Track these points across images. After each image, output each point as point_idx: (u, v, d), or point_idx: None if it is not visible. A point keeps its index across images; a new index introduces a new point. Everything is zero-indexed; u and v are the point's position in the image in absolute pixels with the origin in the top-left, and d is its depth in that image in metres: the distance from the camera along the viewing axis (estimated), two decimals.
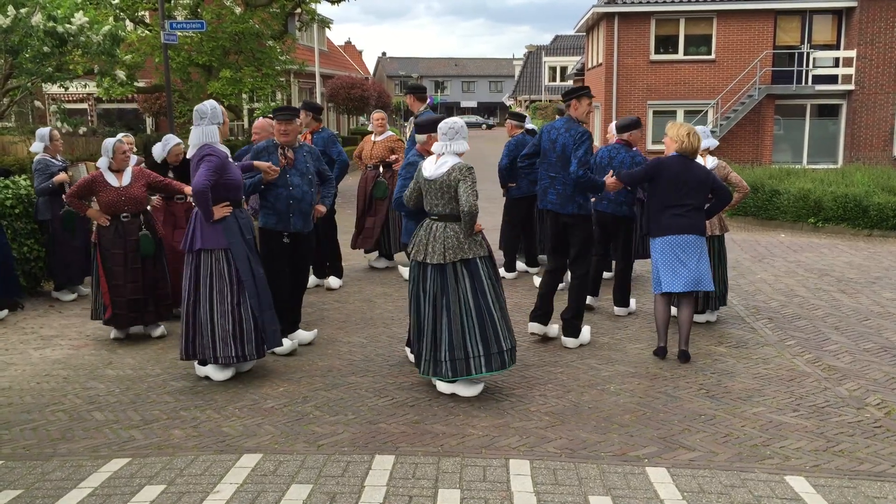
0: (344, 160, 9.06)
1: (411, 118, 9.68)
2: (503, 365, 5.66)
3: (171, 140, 8.17)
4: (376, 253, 10.52)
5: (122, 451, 4.95)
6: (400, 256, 10.40)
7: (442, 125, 5.73)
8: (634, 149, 7.96)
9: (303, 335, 7.12)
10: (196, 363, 6.29)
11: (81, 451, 4.96)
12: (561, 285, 8.87)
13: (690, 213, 6.45)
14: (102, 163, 7.24)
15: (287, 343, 6.78)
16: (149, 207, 7.60)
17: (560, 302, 7.32)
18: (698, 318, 7.61)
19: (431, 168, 5.68)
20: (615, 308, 8.08)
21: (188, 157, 6.18)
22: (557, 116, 9.43)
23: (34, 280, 9.08)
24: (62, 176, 8.70)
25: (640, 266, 10.37)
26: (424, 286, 5.71)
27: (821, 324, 7.70)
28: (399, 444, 4.95)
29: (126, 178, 7.29)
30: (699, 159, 6.82)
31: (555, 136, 7.00)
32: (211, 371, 6.17)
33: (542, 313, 7.15)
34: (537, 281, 9.33)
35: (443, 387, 5.80)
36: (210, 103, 6.20)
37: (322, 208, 7.22)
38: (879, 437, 5.06)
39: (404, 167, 6.49)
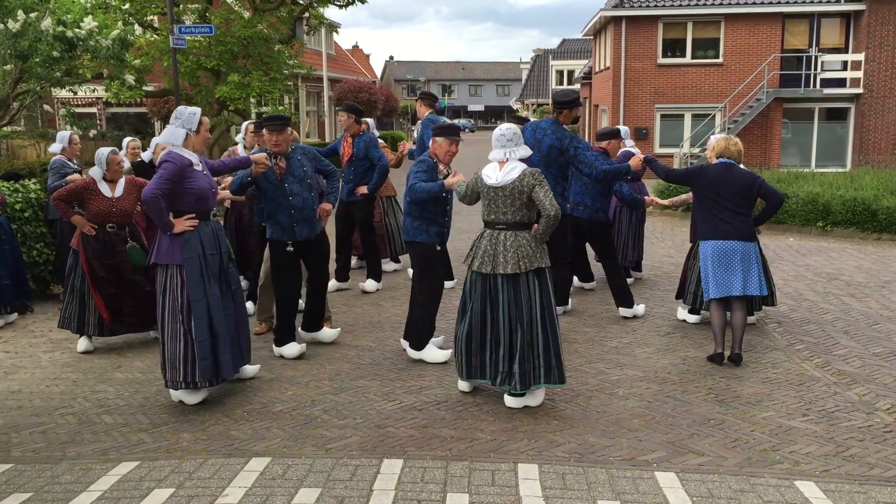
0: (384, 165, 8.94)
1: (418, 122, 9.68)
2: (561, 380, 5.59)
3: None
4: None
5: (131, 455, 4.96)
6: (401, 257, 10.46)
7: (501, 132, 5.62)
8: (610, 159, 8.02)
9: (326, 333, 7.15)
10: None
11: (90, 455, 4.98)
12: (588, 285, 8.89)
13: (734, 219, 6.45)
14: (96, 172, 7.13)
15: (295, 347, 6.79)
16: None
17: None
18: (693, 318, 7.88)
19: (497, 175, 5.53)
20: (620, 310, 8.06)
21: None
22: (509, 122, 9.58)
23: (44, 284, 9.11)
24: (76, 177, 8.73)
25: (647, 271, 10.35)
26: (495, 297, 5.54)
27: (830, 328, 7.67)
28: (407, 448, 4.95)
29: (119, 189, 7.18)
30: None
31: (540, 136, 7.20)
32: (182, 395, 5.78)
33: None
34: None
35: (511, 401, 5.61)
36: (192, 109, 5.85)
37: (328, 206, 6.97)
38: (890, 441, 5.04)
39: (417, 163, 6.50)
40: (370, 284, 9.37)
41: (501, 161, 5.57)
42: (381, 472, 4.62)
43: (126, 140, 9.56)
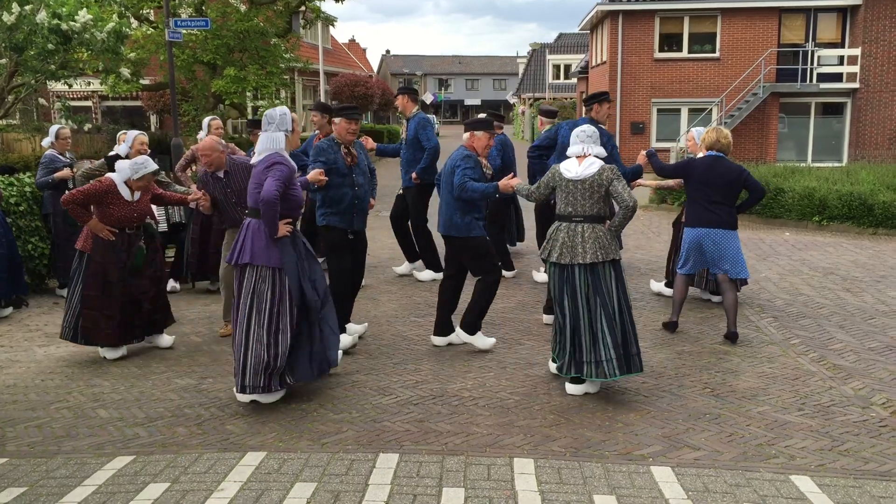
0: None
1: (404, 119, 9.55)
2: (640, 368, 5.69)
3: (131, 134, 7.98)
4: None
5: (126, 449, 4.95)
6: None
7: (578, 131, 5.87)
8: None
9: (353, 328, 7.17)
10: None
11: (86, 449, 4.97)
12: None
13: (719, 209, 6.92)
14: (123, 172, 6.67)
15: (346, 339, 6.83)
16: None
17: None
18: (716, 298, 8.31)
19: (577, 169, 5.74)
20: None
21: (252, 162, 5.80)
22: (539, 114, 9.59)
23: (39, 278, 9.09)
24: (65, 172, 8.70)
25: (644, 266, 10.36)
26: (573, 287, 5.69)
27: (826, 322, 7.68)
28: (403, 443, 4.95)
29: (138, 194, 6.80)
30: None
31: None
32: (258, 396, 5.62)
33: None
34: (538, 276, 9.37)
35: (573, 389, 5.79)
36: (281, 109, 5.77)
37: (372, 201, 7.28)
38: (885, 436, 5.05)
39: (464, 158, 6.47)
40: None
41: (580, 156, 5.80)
42: (376, 466, 4.62)
43: (135, 132, 9.50)
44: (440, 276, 9.28)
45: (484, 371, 6.30)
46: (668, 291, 8.48)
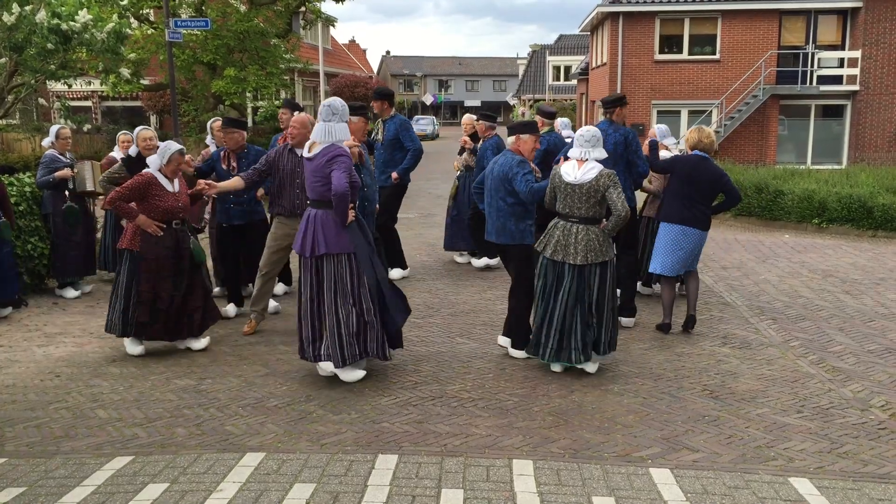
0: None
1: (379, 120, 9.54)
2: (606, 351, 6.19)
3: (169, 147, 7.78)
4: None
5: (125, 449, 4.95)
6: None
7: (581, 133, 6.06)
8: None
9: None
10: (320, 363, 6.03)
11: (85, 449, 4.97)
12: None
13: (695, 208, 7.10)
14: (154, 163, 6.62)
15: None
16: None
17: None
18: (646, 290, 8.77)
19: (575, 173, 5.98)
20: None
21: (308, 154, 5.84)
22: (538, 114, 9.61)
23: (38, 278, 9.08)
24: (65, 172, 8.70)
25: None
26: (561, 283, 6.09)
27: (825, 325, 7.68)
28: (402, 444, 4.95)
29: (176, 183, 6.74)
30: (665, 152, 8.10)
31: (602, 137, 7.50)
32: (342, 373, 5.92)
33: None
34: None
35: (557, 367, 6.26)
36: (340, 100, 5.91)
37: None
38: (884, 438, 5.05)
39: (519, 163, 6.41)
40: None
41: (580, 160, 6.01)
42: (375, 467, 4.61)
43: (138, 129, 9.50)
44: (408, 272, 9.65)
45: (483, 372, 6.30)
46: (647, 290, 8.80)
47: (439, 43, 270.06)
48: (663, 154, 8.20)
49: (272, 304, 7.99)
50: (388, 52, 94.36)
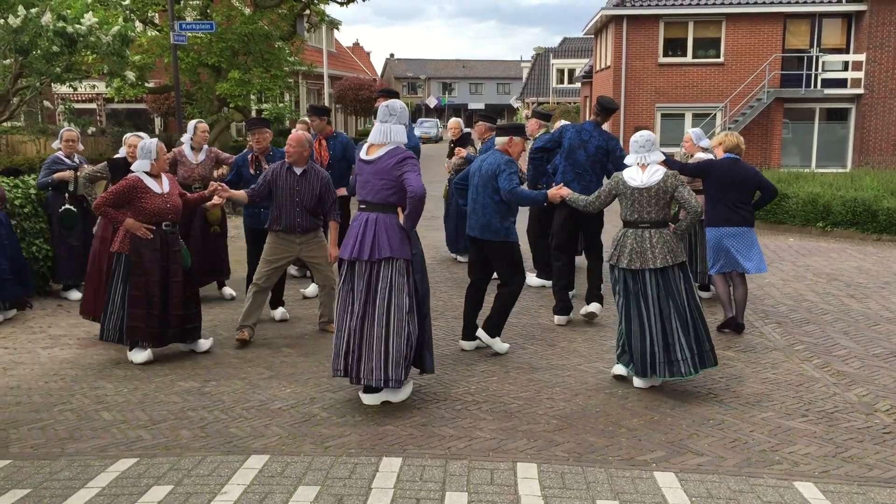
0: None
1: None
2: (714, 362, 5.92)
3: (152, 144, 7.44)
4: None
5: (129, 451, 4.95)
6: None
7: (635, 138, 6.05)
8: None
9: None
10: (362, 395, 5.67)
11: (89, 451, 4.97)
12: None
13: (741, 208, 7.28)
14: (142, 166, 6.55)
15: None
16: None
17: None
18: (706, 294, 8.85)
19: (641, 177, 5.95)
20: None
21: (368, 157, 5.63)
22: (533, 116, 9.63)
23: (43, 280, 9.10)
24: (64, 174, 8.71)
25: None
26: (646, 292, 5.87)
27: (830, 328, 7.67)
28: (406, 447, 4.95)
29: (166, 184, 6.66)
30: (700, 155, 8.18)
31: (587, 138, 7.93)
32: (390, 395, 5.63)
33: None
34: (532, 281, 9.39)
35: (640, 382, 5.98)
36: (400, 103, 5.81)
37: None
38: (889, 442, 5.03)
39: (507, 163, 6.54)
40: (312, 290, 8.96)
41: (642, 165, 6.00)
42: (379, 470, 4.61)
43: (128, 135, 9.54)
44: None
45: (487, 375, 6.30)
46: (706, 294, 8.88)
47: (443, 46, 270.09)
48: (701, 156, 8.19)
49: (280, 311, 7.97)
50: (392, 55, 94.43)
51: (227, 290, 8.99)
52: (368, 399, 5.59)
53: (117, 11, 18.32)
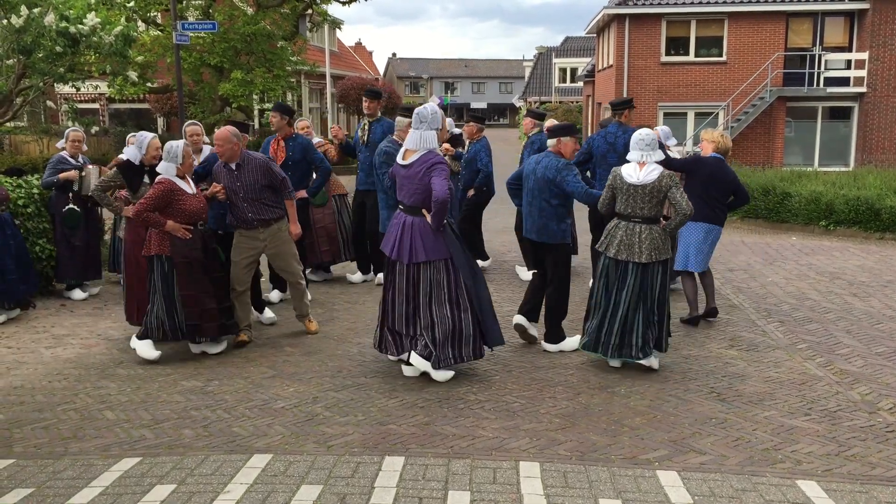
0: (327, 167, 8.57)
1: (365, 120, 9.27)
2: (664, 349, 6.40)
3: (145, 137, 7.44)
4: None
5: (132, 451, 4.96)
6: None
7: (639, 136, 6.25)
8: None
9: None
10: (409, 364, 6.14)
11: (92, 450, 4.98)
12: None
13: (719, 207, 7.58)
14: (168, 169, 6.58)
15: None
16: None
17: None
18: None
19: (639, 175, 6.16)
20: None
21: (404, 161, 5.96)
22: (527, 115, 9.68)
23: (46, 280, 9.11)
24: (70, 174, 8.72)
25: None
26: (625, 282, 6.21)
27: (832, 327, 7.66)
28: (409, 446, 4.95)
29: (192, 184, 6.75)
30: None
31: (612, 140, 8.19)
32: (435, 373, 6.06)
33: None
34: (522, 274, 9.72)
35: (616, 363, 6.43)
36: (431, 107, 6.00)
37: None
38: (892, 441, 5.03)
39: (565, 165, 6.57)
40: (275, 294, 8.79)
41: (640, 162, 6.21)
42: (382, 469, 4.62)
43: (148, 136, 9.54)
44: (370, 276, 9.61)
45: (489, 374, 6.30)
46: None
47: (446, 45, 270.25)
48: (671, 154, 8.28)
49: (268, 314, 7.92)
50: (394, 55, 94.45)
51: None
52: (410, 370, 6.13)
53: (120, 11, 18.35)
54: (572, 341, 6.91)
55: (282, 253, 7.19)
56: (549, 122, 9.95)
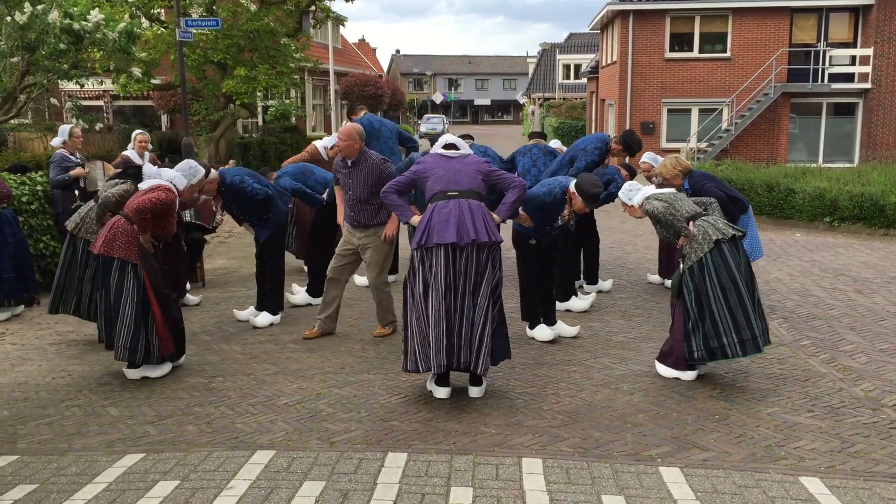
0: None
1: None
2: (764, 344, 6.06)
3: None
4: None
5: (136, 447, 4.98)
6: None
7: (624, 189, 6.39)
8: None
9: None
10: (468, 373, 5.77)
11: (96, 447, 5.00)
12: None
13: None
14: (179, 183, 6.48)
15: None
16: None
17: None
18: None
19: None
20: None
21: (450, 153, 5.88)
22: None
23: (50, 276, 9.12)
24: (80, 171, 8.76)
25: (647, 266, 10.34)
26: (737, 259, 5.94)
27: (836, 324, 7.65)
28: (412, 442, 4.96)
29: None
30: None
31: (535, 159, 8.43)
32: (432, 387, 5.76)
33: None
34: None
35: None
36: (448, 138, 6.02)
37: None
38: (895, 438, 5.02)
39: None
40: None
41: (631, 206, 6.46)
42: (385, 465, 4.62)
43: (136, 132, 9.62)
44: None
45: (492, 371, 6.29)
46: (668, 282, 8.86)
47: (450, 42, 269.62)
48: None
49: (240, 314, 7.90)
50: (398, 51, 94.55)
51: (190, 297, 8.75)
52: (444, 392, 5.68)
53: (123, 8, 18.35)
54: (546, 333, 7.05)
55: (369, 261, 7.10)
56: (556, 144, 9.82)
